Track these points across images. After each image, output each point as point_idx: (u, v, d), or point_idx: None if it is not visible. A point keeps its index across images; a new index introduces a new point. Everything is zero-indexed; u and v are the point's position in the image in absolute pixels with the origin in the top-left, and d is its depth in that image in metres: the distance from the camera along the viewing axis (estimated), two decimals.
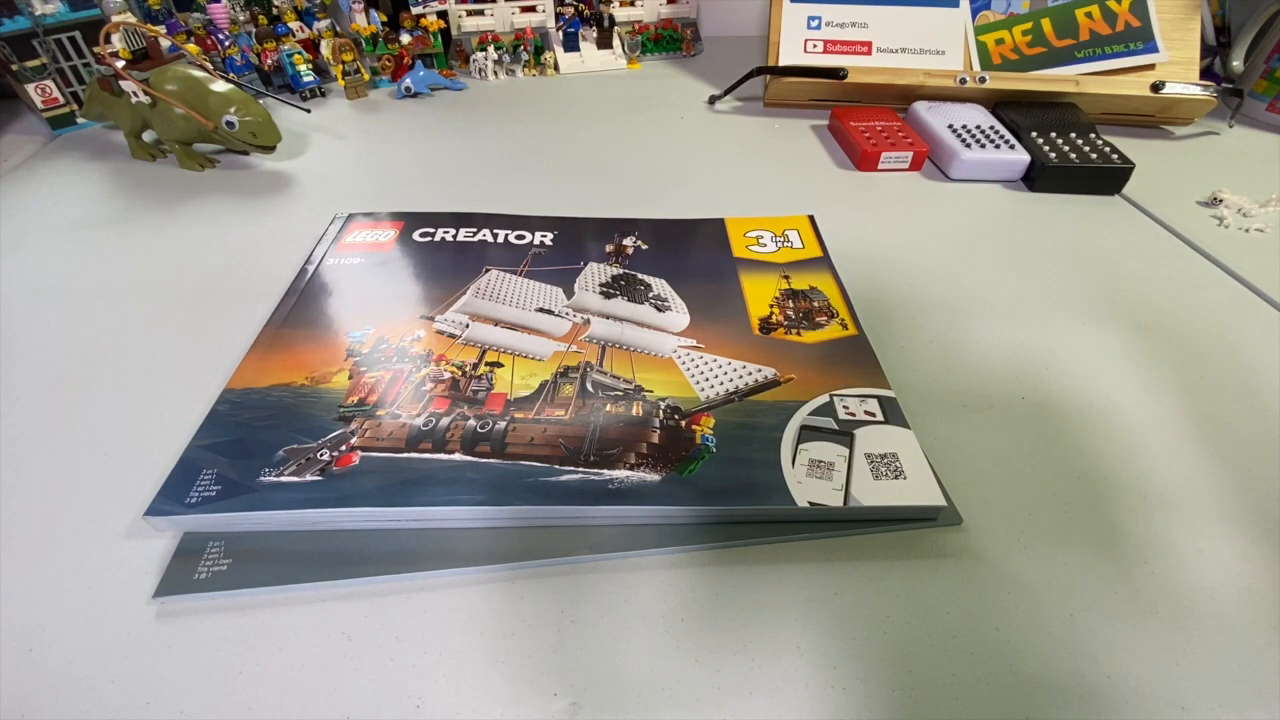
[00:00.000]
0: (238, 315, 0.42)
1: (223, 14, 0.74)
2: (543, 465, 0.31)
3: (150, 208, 0.55)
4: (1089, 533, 0.31)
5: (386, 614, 0.27)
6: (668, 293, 0.43)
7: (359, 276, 0.45)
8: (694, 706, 0.24)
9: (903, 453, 0.32)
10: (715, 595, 0.28)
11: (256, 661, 0.26)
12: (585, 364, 0.38)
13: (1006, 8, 0.68)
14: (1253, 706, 0.25)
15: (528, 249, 0.48)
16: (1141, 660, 0.26)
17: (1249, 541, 0.30)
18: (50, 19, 0.63)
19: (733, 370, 0.37)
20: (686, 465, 0.31)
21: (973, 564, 0.29)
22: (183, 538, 0.29)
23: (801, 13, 0.69)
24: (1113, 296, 0.46)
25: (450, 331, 0.40)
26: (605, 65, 0.85)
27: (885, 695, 0.25)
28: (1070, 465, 0.34)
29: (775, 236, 0.49)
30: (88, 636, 0.26)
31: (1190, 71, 0.66)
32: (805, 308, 0.42)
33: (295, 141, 0.66)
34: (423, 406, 0.34)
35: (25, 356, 0.40)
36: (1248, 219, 0.54)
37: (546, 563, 0.29)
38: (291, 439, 0.32)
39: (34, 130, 0.68)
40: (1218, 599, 0.28)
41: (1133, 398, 0.38)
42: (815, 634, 0.27)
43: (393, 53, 0.79)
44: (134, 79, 0.56)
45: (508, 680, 0.25)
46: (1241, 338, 0.42)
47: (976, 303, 0.45)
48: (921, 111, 0.66)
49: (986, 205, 0.56)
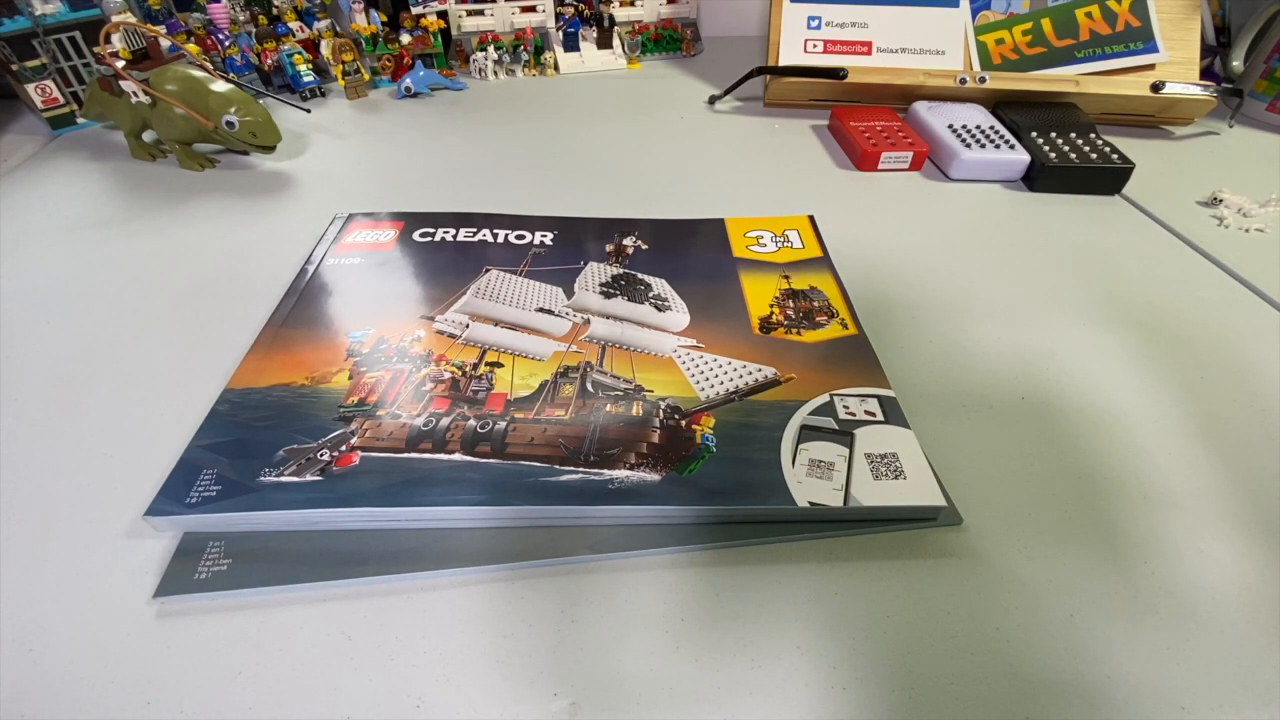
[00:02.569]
0: (238, 315, 0.42)
1: (223, 14, 0.74)
2: (543, 465, 0.31)
3: (150, 208, 0.55)
4: (1089, 533, 0.31)
5: (386, 614, 0.27)
6: (668, 292, 0.43)
7: (359, 276, 0.45)
8: (694, 706, 0.24)
9: (903, 453, 0.32)
10: (715, 595, 0.28)
11: (256, 661, 0.26)
12: (585, 364, 0.38)
13: (1006, 8, 0.68)
14: (1253, 706, 0.25)
15: (528, 249, 0.48)
16: (1141, 660, 0.26)
17: (1249, 541, 0.30)
18: (50, 19, 0.63)
19: (733, 370, 0.37)
20: (686, 465, 0.31)
21: (973, 564, 0.29)
22: (183, 538, 0.29)
23: (801, 13, 0.69)
24: (1113, 296, 0.46)
25: (450, 331, 0.40)
26: (605, 65, 0.85)
27: (885, 695, 0.25)
28: (1070, 465, 0.34)
29: (775, 236, 0.49)
30: (88, 636, 0.26)
31: (1190, 71, 0.66)
32: (805, 307, 0.42)
33: (295, 141, 0.66)
34: (423, 406, 0.34)
35: (25, 356, 0.40)
36: (1248, 219, 0.54)
37: (546, 563, 0.29)
38: (291, 439, 0.32)
39: (34, 130, 0.68)
40: (1218, 599, 0.28)
41: (1132, 398, 0.38)
42: (815, 634, 0.27)
43: (393, 53, 0.79)
44: (134, 79, 0.56)
45: (508, 680, 0.25)
46: (1241, 338, 0.42)
47: (976, 303, 0.45)
48: (921, 111, 0.66)
49: (986, 205, 0.56)
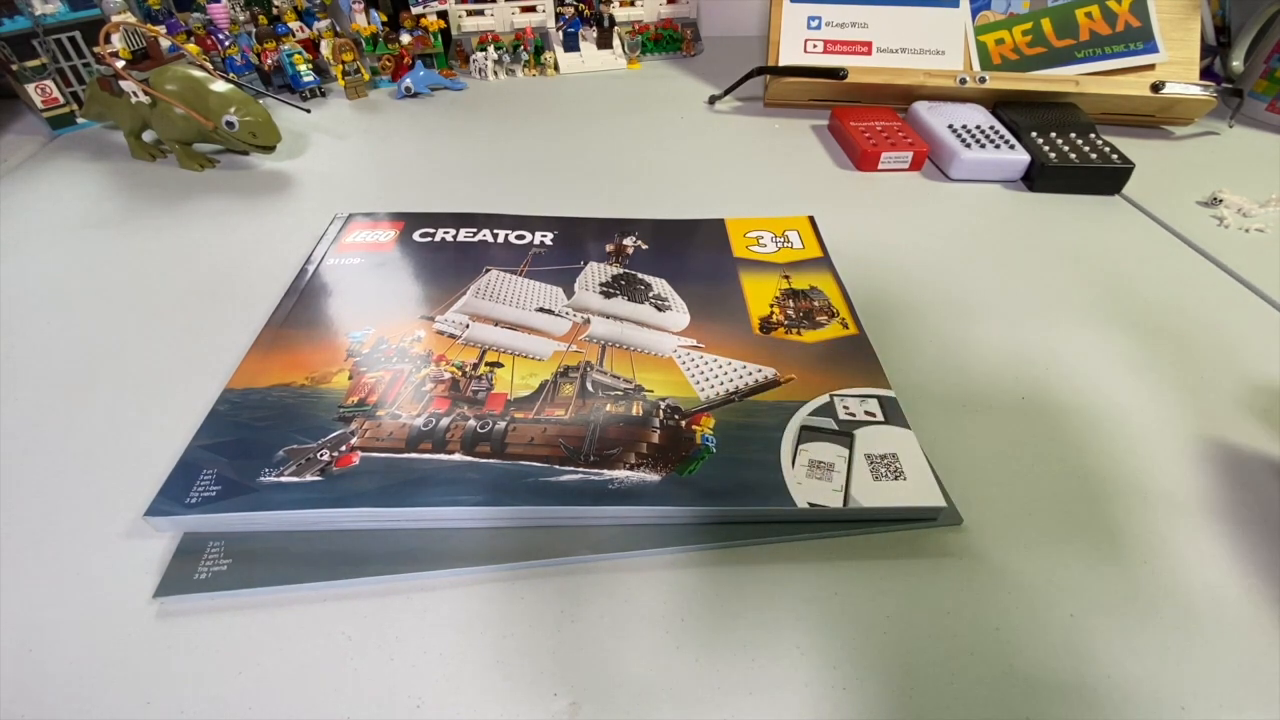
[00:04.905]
0: (238, 315, 0.42)
1: (223, 14, 0.74)
2: (543, 465, 0.31)
3: (150, 208, 0.55)
4: (1089, 533, 0.31)
5: (386, 614, 0.27)
6: (668, 292, 0.43)
7: (359, 277, 0.45)
8: (694, 706, 0.24)
9: (903, 453, 0.32)
10: (715, 595, 0.28)
11: (256, 661, 0.26)
12: (585, 364, 0.38)
13: (1006, 8, 0.68)
14: (1253, 706, 0.25)
15: (528, 249, 0.48)
16: (1141, 660, 0.26)
17: (1249, 541, 0.30)
18: (50, 19, 0.63)
19: (733, 370, 0.37)
20: (686, 465, 0.31)
21: (973, 564, 0.29)
22: (183, 538, 0.29)
23: (801, 13, 0.69)
24: (1113, 296, 0.46)
25: (450, 332, 0.40)
26: (605, 65, 0.85)
27: (885, 695, 0.25)
28: (1070, 465, 0.34)
29: (775, 237, 0.49)
30: (88, 636, 0.26)
31: (1190, 71, 0.66)
32: (806, 307, 0.42)
33: (295, 141, 0.66)
34: (423, 407, 0.34)
35: (25, 356, 0.40)
36: (1248, 219, 0.54)
37: (546, 563, 0.29)
38: (291, 439, 0.32)
39: (34, 130, 0.68)
40: (1218, 599, 0.28)
41: (1132, 398, 0.38)
42: (815, 634, 0.27)
43: (393, 53, 0.79)
44: (134, 79, 0.56)
45: (508, 680, 0.25)
46: (1241, 338, 0.42)
47: (976, 303, 0.45)
48: (921, 111, 0.66)
49: (986, 205, 0.56)
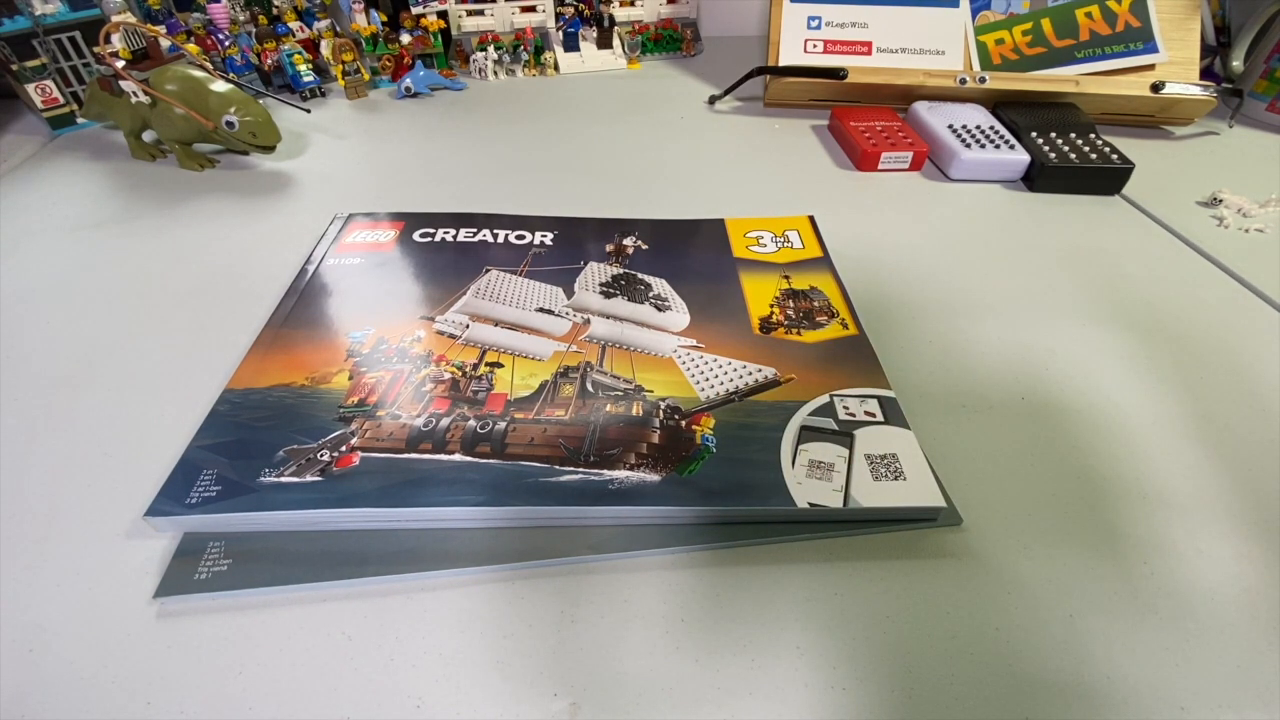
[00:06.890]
0: (238, 315, 0.42)
1: (223, 14, 0.74)
2: (543, 465, 0.31)
3: (150, 208, 0.55)
4: (1089, 533, 0.31)
5: (386, 614, 0.27)
6: (668, 292, 0.43)
7: (359, 277, 0.45)
8: (694, 706, 0.24)
9: (902, 453, 0.32)
10: (715, 595, 0.28)
11: (256, 661, 0.26)
12: (585, 364, 0.38)
13: (1006, 8, 0.68)
14: (1253, 706, 0.25)
15: (528, 249, 0.48)
16: (1141, 660, 0.26)
17: (1249, 541, 0.30)
18: (50, 19, 0.63)
19: (733, 370, 0.37)
20: (686, 465, 0.31)
21: (973, 564, 0.29)
22: (183, 538, 0.29)
23: (801, 13, 0.69)
24: (1113, 296, 0.46)
25: (450, 332, 0.40)
26: (605, 65, 0.85)
27: (885, 695, 0.25)
28: (1070, 465, 0.34)
29: (775, 237, 0.49)
30: (88, 636, 0.26)
31: (1190, 71, 0.66)
32: (806, 307, 0.42)
33: (295, 141, 0.66)
34: (423, 407, 0.34)
35: (25, 356, 0.40)
36: (1248, 219, 0.54)
37: (546, 563, 0.29)
38: (292, 439, 0.32)
39: (34, 130, 0.68)
40: (1218, 599, 0.28)
41: (1132, 398, 0.38)
42: (815, 634, 0.27)
43: (393, 53, 0.79)
44: (134, 79, 0.56)
45: (508, 680, 0.25)
46: (1241, 338, 0.42)
47: (976, 303, 0.45)
48: (921, 111, 0.66)
49: (986, 205, 0.56)
